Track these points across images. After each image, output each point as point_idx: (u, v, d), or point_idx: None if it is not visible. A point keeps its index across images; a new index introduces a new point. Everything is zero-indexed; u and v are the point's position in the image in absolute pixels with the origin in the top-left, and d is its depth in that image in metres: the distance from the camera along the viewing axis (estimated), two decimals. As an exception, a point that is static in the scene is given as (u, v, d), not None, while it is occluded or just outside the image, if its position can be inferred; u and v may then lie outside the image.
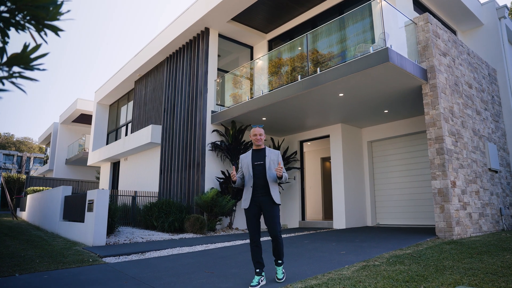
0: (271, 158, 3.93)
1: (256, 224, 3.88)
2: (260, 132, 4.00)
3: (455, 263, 4.28)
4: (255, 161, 3.93)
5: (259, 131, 4.01)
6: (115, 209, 8.26)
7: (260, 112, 9.10)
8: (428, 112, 6.95)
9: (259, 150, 4.00)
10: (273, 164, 3.91)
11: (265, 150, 3.99)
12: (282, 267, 3.90)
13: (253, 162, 3.93)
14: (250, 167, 3.90)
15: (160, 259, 5.51)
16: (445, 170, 6.57)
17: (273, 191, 3.87)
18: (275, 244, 3.87)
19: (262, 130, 4.05)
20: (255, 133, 4.00)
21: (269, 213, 3.84)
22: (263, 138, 4.02)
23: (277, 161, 3.93)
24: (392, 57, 6.17)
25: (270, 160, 3.91)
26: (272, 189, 3.87)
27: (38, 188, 16.96)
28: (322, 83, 7.18)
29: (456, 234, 6.41)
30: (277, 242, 3.85)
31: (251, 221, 3.88)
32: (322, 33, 8.00)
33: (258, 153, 3.99)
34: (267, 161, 3.89)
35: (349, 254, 5.25)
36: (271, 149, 4.03)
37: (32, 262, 5.12)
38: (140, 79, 14.77)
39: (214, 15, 10.10)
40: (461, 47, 8.34)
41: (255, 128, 4.04)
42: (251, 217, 3.88)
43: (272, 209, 3.84)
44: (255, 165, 3.90)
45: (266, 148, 4.03)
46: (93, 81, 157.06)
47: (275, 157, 3.96)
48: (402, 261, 4.55)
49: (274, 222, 3.83)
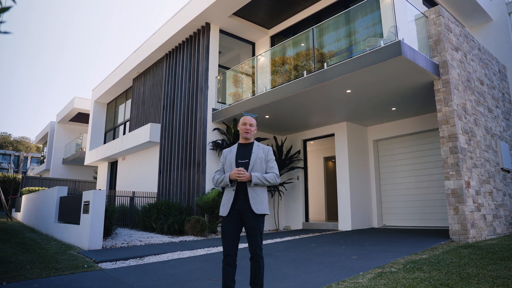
0: (259, 155, 3.19)
1: (234, 237, 3.07)
2: (251, 122, 3.27)
3: (479, 271, 3.96)
4: (240, 158, 3.20)
5: (250, 121, 3.27)
6: (112, 210, 7.92)
7: (263, 110, 8.76)
8: (441, 109, 6.63)
9: (247, 145, 3.27)
10: (260, 163, 3.16)
11: (252, 146, 3.26)
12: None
13: (237, 159, 3.20)
14: (233, 165, 3.17)
15: (159, 264, 5.18)
16: (459, 170, 6.25)
17: (253, 198, 3.07)
18: (254, 266, 3.06)
19: (255, 120, 3.32)
20: (245, 121, 3.26)
21: (249, 224, 3.07)
22: (253, 130, 3.28)
23: (265, 159, 3.21)
24: (404, 51, 5.85)
25: (257, 158, 3.17)
26: (252, 195, 3.07)
27: (34, 189, 16.59)
28: (329, 79, 6.86)
29: (471, 237, 6.10)
30: (257, 263, 3.05)
31: (229, 232, 3.07)
32: (329, 27, 7.68)
33: (244, 148, 3.26)
34: (252, 159, 3.15)
35: (361, 259, 4.93)
36: (261, 144, 3.32)
37: (23, 269, 4.78)
38: (138, 76, 14.41)
39: (215, 10, 9.76)
40: (472, 42, 8.03)
41: (246, 116, 3.30)
42: (229, 227, 3.08)
43: (253, 221, 3.05)
44: (239, 164, 3.16)
45: (255, 142, 3.30)
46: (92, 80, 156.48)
47: (263, 154, 3.22)
48: (421, 267, 4.23)
49: (255, 237, 3.05)
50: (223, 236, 3.11)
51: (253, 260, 3.08)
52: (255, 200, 3.07)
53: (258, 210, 3.05)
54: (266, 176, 3.12)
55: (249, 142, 3.29)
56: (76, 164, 23.48)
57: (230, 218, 3.09)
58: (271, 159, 3.26)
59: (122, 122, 15.99)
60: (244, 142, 3.29)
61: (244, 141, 3.29)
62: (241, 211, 3.07)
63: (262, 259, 3.10)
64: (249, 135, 3.25)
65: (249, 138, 3.27)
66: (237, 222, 3.09)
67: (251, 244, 3.08)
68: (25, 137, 59.17)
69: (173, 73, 11.63)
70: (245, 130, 3.24)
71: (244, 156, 3.19)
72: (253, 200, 3.06)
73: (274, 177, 3.17)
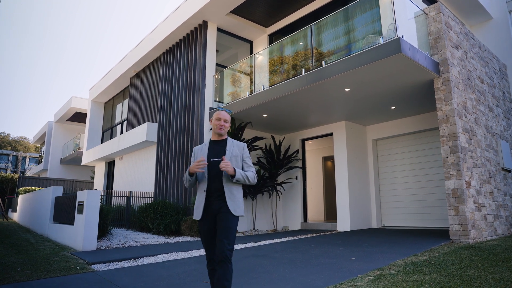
0: (233, 153, 2.95)
1: (212, 239, 2.85)
2: (225, 118, 3.00)
3: (481, 273, 3.85)
4: (212, 156, 2.93)
5: (224, 116, 3.00)
6: (108, 210, 7.81)
7: (261, 109, 8.65)
8: (441, 107, 6.52)
9: (219, 142, 3.02)
10: (235, 161, 2.94)
11: (226, 142, 3.01)
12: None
13: (210, 157, 2.93)
14: (206, 166, 2.91)
15: (154, 266, 5.06)
16: (459, 170, 6.15)
17: (230, 198, 2.84)
18: (220, 271, 2.66)
19: (229, 116, 3.05)
20: (219, 117, 2.99)
21: (221, 222, 2.78)
22: (227, 127, 3.03)
23: (240, 157, 2.98)
24: (404, 48, 5.74)
25: (232, 155, 2.93)
26: (229, 194, 2.84)
27: (30, 189, 16.46)
28: (328, 77, 6.75)
29: (472, 238, 5.99)
30: (224, 268, 2.66)
31: (206, 237, 2.86)
32: (327, 24, 7.57)
33: (217, 145, 3.00)
34: (227, 157, 2.90)
35: (359, 260, 4.82)
36: (235, 141, 3.07)
37: (13, 271, 4.66)
38: (135, 75, 14.29)
39: (212, 8, 9.64)
40: (473, 40, 7.92)
41: (221, 111, 3.03)
42: (206, 232, 2.85)
43: (226, 218, 2.79)
44: (211, 163, 2.90)
45: (228, 139, 3.05)
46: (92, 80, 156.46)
47: (238, 152, 2.98)
48: (421, 269, 4.12)
49: (226, 237, 2.73)
50: (203, 241, 2.90)
51: (221, 264, 2.67)
52: (232, 201, 2.84)
53: (236, 212, 2.83)
54: (248, 174, 2.91)
55: (222, 139, 3.04)
56: (73, 164, 23.32)
57: (204, 222, 2.87)
58: (248, 157, 3.03)
59: (119, 121, 15.86)
60: (216, 139, 3.04)
61: (216, 138, 3.04)
62: (215, 212, 2.84)
63: (231, 264, 2.72)
64: (223, 131, 3.01)
65: (223, 134, 3.03)
66: (213, 225, 2.86)
67: (221, 245, 2.71)
68: (24, 137, 59.03)
69: (170, 72, 11.51)
70: (219, 126, 2.99)
71: (217, 154, 2.93)
72: (230, 201, 2.83)
73: (254, 177, 2.96)
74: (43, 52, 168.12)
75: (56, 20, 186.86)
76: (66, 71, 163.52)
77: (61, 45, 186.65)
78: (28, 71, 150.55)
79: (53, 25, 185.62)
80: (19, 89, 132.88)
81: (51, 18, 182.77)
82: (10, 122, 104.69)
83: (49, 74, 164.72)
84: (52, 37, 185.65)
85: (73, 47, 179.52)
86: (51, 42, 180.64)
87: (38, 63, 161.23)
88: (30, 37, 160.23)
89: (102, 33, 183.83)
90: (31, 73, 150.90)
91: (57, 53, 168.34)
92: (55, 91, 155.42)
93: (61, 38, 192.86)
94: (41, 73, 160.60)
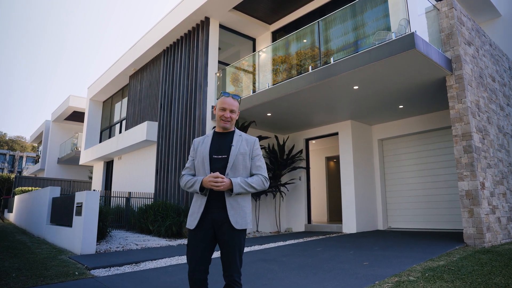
0: (241, 149, 2.36)
1: (203, 256, 2.27)
2: (231, 108, 2.41)
3: (508, 280, 3.62)
4: (215, 152, 2.37)
5: (231, 105, 2.41)
6: (107, 211, 7.55)
7: (265, 107, 8.41)
8: (454, 106, 6.29)
9: (225, 135, 2.45)
10: (243, 160, 2.35)
11: (233, 136, 2.43)
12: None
13: (212, 153, 2.36)
14: (207, 162, 2.34)
15: (156, 271, 4.81)
16: (474, 170, 5.92)
17: (233, 208, 2.27)
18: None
19: (237, 103, 2.45)
20: (224, 106, 2.40)
21: (225, 241, 2.26)
22: (234, 118, 2.44)
23: (249, 155, 2.39)
24: (418, 44, 5.51)
25: (238, 152, 2.35)
26: (231, 204, 2.27)
27: (27, 189, 16.14)
28: (336, 74, 6.50)
29: (487, 241, 5.76)
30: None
31: (196, 249, 2.27)
32: (335, 19, 7.33)
33: (222, 139, 2.43)
34: (232, 154, 2.33)
35: (373, 266, 4.58)
36: (244, 134, 2.49)
37: (7, 277, 4.39)
38: (135, 73, 14.01)
39: (214, 3, 9.38)
40: (484, 37, 7.70)
41: (227, 98, 2.43)
42: (197, 243, 2.28)
43: (231, 236, 2.25)
44: (215, 160, 2.34)
45: (236, 132, 2.47)
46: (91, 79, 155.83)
47: (247, 148, 2.39)
48: (441, 276, 3.88)
49: (233, 258, 2.25)
50: (189, 254, 2.30)
51: (230, 287, 2.26)
52: (235, 211, 2.27)
53: (238, 224, 2.25)
54: (252, 182, 2.31)
55: (228, 131, 2.47)
56: (71, 163, 22.99)
57: (199, 231, 2.28)
58: (258, 155, 2.43)
59: (118, 120, 15.57)
60: (221, 131, 2.47)
61: (221, 130, 2.47)
62: (214, 224, 2.28)
63: (242, 285, 2.28)
64: (228, 125, 2.43)
65: (228, 127, 2.44)
66: (208, 237, 2.29)
67: (226, 267, 2.26)
68: (21, 137, 58.54)
69: (171, 69, 11.24)
70: (224, 118, 2.41)
71: (221, 150, 2.37)
72: (232, 211, 2.26)
73: (262, 182, 2.36)
74: (41, 51, 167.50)
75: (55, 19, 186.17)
76: (65, 71, 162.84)
77: (60, 44, 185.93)
78: (27, 70, 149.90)
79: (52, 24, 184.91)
80: (17, 89, 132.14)
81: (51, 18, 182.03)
82: (7, 122, 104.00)
83: (48, 73, 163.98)
84: (51, 36, 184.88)
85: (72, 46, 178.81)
86: (50, 42, 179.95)
87: (37, 62, 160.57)
88: (29, 36, 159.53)
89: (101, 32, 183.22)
90: (30, 73, 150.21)
91: (56, 52, 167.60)
92: (54, 91, 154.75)
93: (60, 37, 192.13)
94: (40, 73, 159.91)
